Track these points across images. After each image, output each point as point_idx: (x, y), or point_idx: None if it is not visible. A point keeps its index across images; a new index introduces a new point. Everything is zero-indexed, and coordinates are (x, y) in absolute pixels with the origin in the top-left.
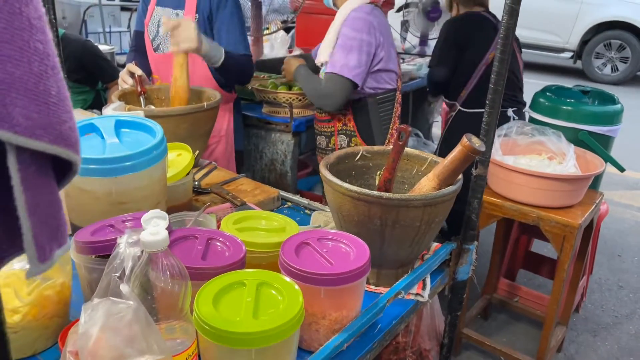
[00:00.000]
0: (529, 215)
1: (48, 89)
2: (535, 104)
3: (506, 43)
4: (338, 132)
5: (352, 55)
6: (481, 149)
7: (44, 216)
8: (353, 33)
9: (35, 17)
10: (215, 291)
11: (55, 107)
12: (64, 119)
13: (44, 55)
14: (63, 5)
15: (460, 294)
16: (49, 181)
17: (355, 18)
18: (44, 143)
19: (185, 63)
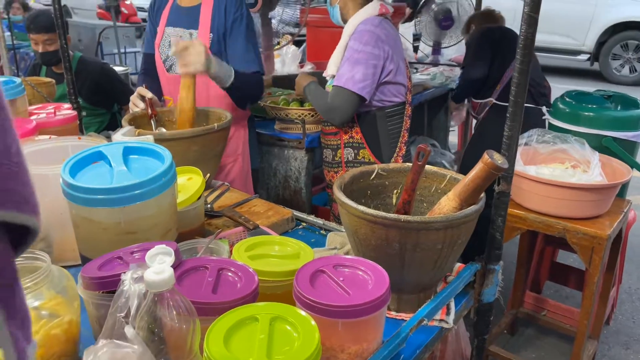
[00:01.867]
0: (555, 227)
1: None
2: (556, 110)
3: (525, 53)
4: (344, 145)
5: (358, 69)
6: (504, 165)
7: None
8: (360, 46)
9: None
10: (226, 328)
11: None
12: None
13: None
14: (79, 28)
15: (487, 317)
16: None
17: (362, 31)
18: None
19: (192, 85)
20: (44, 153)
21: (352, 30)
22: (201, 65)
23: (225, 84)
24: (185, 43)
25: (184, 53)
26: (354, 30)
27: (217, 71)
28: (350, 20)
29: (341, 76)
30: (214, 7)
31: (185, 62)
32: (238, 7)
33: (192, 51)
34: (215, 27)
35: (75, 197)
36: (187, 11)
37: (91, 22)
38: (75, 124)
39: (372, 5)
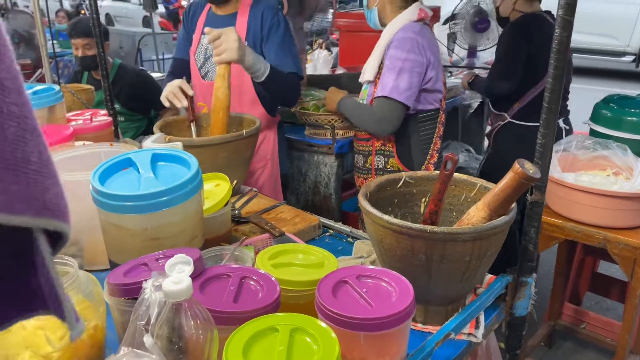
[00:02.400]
0: (595, 237)
1: (27, 156)
2: (597, 115)
3: (560, 58)
4: (376, 152)
5: (402, 77)
6: (535, 175)
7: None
8: (402, 54)
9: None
10: (245, 339)
11: (37, 175)
12: (47, 186)
13: (20, 119)
14: (120, 36)
15: (520, 331)
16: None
17: (403, 39)
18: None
19: (227, 73)
20: (78, 159)
21: (391, 36)
22: (235, 53)
23: (260, 77)
24: (219, 32)
25: (216, 42)
26: (392, 36)
27: (253, 62)
28: (389, 25)
29: (385, 85)
30: (250, 14)
31: (218, 51)
32: (274, 14)
33: (226, 39)
34: (252, 34)
35: (104, 203)
36: (223, 19)
37: (132, 29)
38: (111, 130)
39: (411, 9)
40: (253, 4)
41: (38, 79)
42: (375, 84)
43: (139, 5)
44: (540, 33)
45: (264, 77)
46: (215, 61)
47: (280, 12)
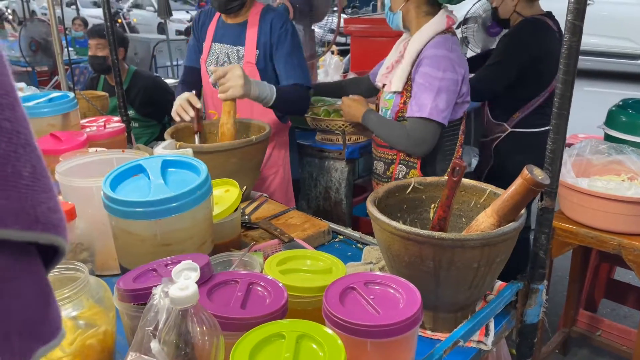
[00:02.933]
0: (609, 243)
1: (18, 171)
2: (611, 119)
3: (569, 63)
4: (400, 162)
5: (441, 97)
6: (545, 181)
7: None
8: (439, 73)
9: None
10: (252, 345)
11: (28, 190)
12: (41, 200)
13: (12, 134)
14: (135, 43)
15: (531, 338)
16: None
17: (436, 57)
18: (14, 231)
19: (232, 110)
20: (91, 165)
21: (420, 47)
22: (240, 89)
23: (268, 103)
24: (224, 69)
25: (222, 80)
26: (421, 48)
27: (258, 93)
28: (417, 35)
29: (423, 106)
30: (260, 23)
31: (224, 88)
32: (283, 22)
33: (231, 76)
34: (262, 43)
35: (114, 209)
36: (233, 28)
37: (146, 36)
38: (124, 136)
39: (439, 18)
40: (262, 13)
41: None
42: (403, 95)
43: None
44: (544, 40)
45: (271, 102)
46: (221, 97)
47: (289, 21)
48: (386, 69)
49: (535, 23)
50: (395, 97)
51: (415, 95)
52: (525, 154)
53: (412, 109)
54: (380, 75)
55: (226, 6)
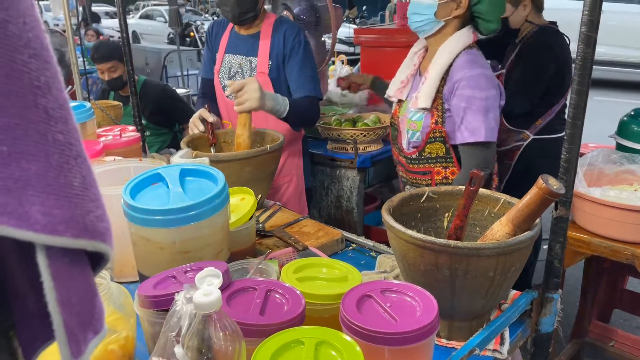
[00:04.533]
0: (622, 252)
1: (70, 181)
2: (623, 129)
3: (583, 74)
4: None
5: (489, 116)
6: (560, 191)
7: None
8: (482, 93)
9: (55, 107)
10: (272, 351)
11: (78, 199)
12: (89, 209)
13: (65, 146)
14: (146, 53)
15: (545, 348)
16: (83, 270)
17: (476, 77)
18: (65, 238)
19: (248, 122)
20: (109, 174)
21: (449, 63)
22: (257, 102)
23: (281, 115)
24: (241, 83)
25: (239, 92)
26: (450, 64)
27: (272, 106)
28: (445, 49)
29: (477, 130)
30: (273, 34)
31: (240, 101)
32: (296, 34)
33: (247, 89)
34: (275, 54)
35: (134, 217)
36: (245, 39)
37: (157, 46)
38: (139, 145)
39: (467, 31)
40: (275, 25)
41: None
42: (433, 114)
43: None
44: (561, 49)
45: (284, 114)
46: (237, 110)
47: (302, 32)
48: (400, 82)
49: (555, 30)
50: (424, 117)
51: (463, 120)
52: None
53: (463, 135)
54: (394, 90)
55: (240, 18)
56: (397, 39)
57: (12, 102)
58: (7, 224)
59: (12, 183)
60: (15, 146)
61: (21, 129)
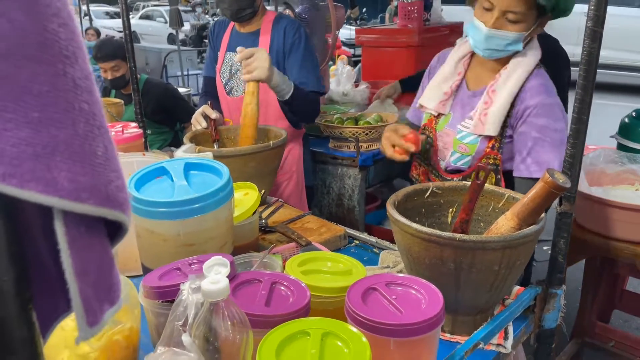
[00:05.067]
0: (623, 252)
1: (94, 150)
2: (625, 129)
3: (589, 69)
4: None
5: (562, 150)
6: (566, 185)
7: (94, 277)
8: (557, 124)
9: (81, 77)
10: (278, 341)
11: (101, 168)
12: (111, 179)
13: (89, 115)
14: (146, 53)
15: (548, 344)
16: (100, 240)
17: (552, 105)
18: (88, 206)
19: (256, 90)
20: None
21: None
22: (265, 71)
23: (284, 96)
24: (250, 50)
25: (248, 60)
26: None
27: (279, 81)
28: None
29: (546, 165)
30: (273, 31)
31: (249, 69)
32: (296, 30)
33: (257, 58)
34: (275, 50)
35: (138, 209)
36: (246, 36)
37: (157, 46)
38: (141, 141)
39: (535, 45)
40: (275, 21)
41: None
42: (493, 138)
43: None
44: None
45: (288, 96)
46: (246, 78)
47: (302, 28)
48: (444, 94)
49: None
50: (480, 141)
51: (531, 152)
52: None
53: (529, 169)
54: (435, 103)
55: (237, 14)
56: (399, 39)
57: (44, 69)
58: (35, 189)
59: (42, 149)
60: (45, 113)
61: (51, 96)
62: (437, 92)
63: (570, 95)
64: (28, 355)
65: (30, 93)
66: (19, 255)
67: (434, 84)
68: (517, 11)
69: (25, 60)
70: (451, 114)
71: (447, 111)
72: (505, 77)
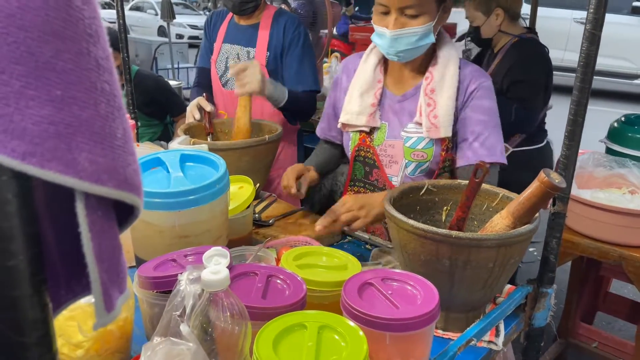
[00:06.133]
0: (610, 254)
1: (114, 131)
2: (613, 134)
3: (586, 71)
4: None
5: (501, 130)
6: (561, 185)
7: (108, 263)
8: (494, 105)
9: (103, 57)
10: (275, 333)
11: (121, 150)
12: (129, 162)
13: (110, 96)
14: (136, 44)
15: (537, 342)
16: (113, 226)
17: (490, 88)
18: (108, 188)
19: (248, 105)
20: None
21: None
22: (257, 85)
23: (279, 104)
24: (243, 65)
25: (240, 75)
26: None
27: (272, 92)
28: (446, 56)
29: (494, 148)
30: (272, 26)
31: (242, 83)
32: (296, 26)
33: (249, 72)
34: (273, 45)
35: None
36: (244, 29)
37: (148, 38)
38: (133, 132)
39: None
40: (275, 16)
41: None
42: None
43: (154, 15)
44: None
45: (282, 103)
46: (238, 93)
47: (302, 25)
48: (371, 106)
49: (538, 42)
50: (435, 145)
51: (479, 136)
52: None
53: (477, 154)
54: (365, 116)
55: (240, 7)
56: None
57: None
58: (56, 169)
59: (64, 128)
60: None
61: (75, 75)
62: (363, 106)
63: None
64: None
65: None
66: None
67: (355, 97)
68: (412, 4)
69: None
70: (385, 124)
71: (378, 123)
72: (440, 75)
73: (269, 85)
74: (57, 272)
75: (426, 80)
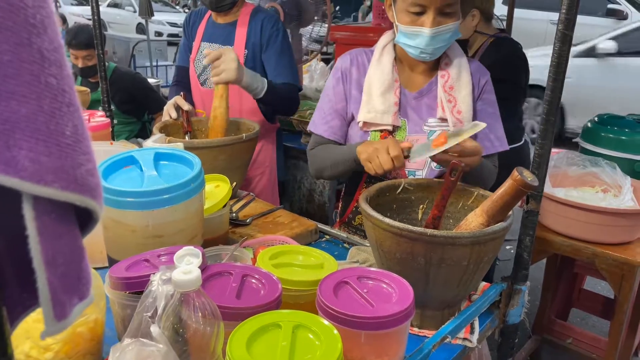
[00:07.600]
0: (583, 251)
1: (61, 129)
2: (587, 133)
3: (558, 71)
4: None
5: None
6: (534, 183)
7: (63, 268)
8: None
9: (50, 49)
10: (249, 333)
11: (70, 149)
12: (80, 162)
13: (57, 91)
14: (114, 41)
15: (512, 339)
16: (71, 229)
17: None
18: (54, 189)
19: (225, 94)
20: None
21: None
22: (233, 73)
23: (258, 94)
24: (218, 52)
25: (216, 62)
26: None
27: (250, 81)
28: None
29: (502, 138)
30: (250, 24)
31: (217, 72)
32: (274, 24)
33: (225, 59)
34: (251, 43)
35: (106, 199)
36: (222, 27)
37: (126, 35)
38: (108, 130)
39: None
40: (253, 14)
41: None
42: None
43: (133, 12)
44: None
45: (261, 94)
46: (214, 81)
47: (280, 22)
48: (395, 105)
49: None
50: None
51: (492, 129)
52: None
53: (493, 145)
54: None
55: (217, 4)
56: (372, 37)
57: (5, 37)
58: None
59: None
60: (5, 85)
61: (13, 67)
62: (387, 105)
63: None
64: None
65: None
66: None
67: (376, 96)
68: (451, 2)
69: None
70: (405, 120)
71: (399, 122)
72: (456, 73)
73: (246, 74)
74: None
75: (442, 78)
